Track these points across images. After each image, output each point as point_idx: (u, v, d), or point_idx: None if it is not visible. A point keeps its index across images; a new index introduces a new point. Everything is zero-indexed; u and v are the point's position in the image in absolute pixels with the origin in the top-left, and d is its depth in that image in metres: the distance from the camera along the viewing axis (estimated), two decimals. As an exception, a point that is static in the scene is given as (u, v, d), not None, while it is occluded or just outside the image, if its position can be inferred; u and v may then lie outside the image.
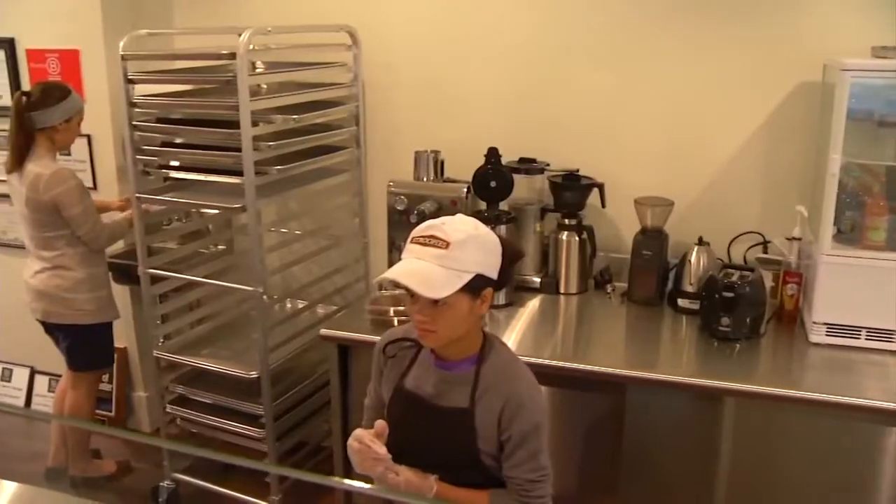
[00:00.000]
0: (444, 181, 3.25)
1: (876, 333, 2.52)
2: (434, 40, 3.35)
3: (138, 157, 3.12)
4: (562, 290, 3.08)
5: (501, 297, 2.92)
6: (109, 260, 3.52)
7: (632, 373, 2.42)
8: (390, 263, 3.16)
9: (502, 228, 2.92)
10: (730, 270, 2.71)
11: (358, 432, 1.75)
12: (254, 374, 3.11)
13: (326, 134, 3.26)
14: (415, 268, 1.68)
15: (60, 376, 3.67)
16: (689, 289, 2.84)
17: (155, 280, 3.28)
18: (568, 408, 2.57)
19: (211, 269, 3.34)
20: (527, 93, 3.24)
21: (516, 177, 3.02)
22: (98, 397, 3.72)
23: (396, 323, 2.71)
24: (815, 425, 2.32)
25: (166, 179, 3.23)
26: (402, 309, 2.74)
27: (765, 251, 3.00)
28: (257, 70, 3.25)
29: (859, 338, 2.53)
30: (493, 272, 1.75)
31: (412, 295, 1.69)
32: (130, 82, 3.04)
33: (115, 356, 3.76)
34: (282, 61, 3.39)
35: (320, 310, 3.57)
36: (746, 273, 2.68)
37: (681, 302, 2.86)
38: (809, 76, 2.85)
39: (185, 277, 3.25)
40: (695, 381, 2.36)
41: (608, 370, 2.43)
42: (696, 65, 3.00)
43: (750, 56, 2.92)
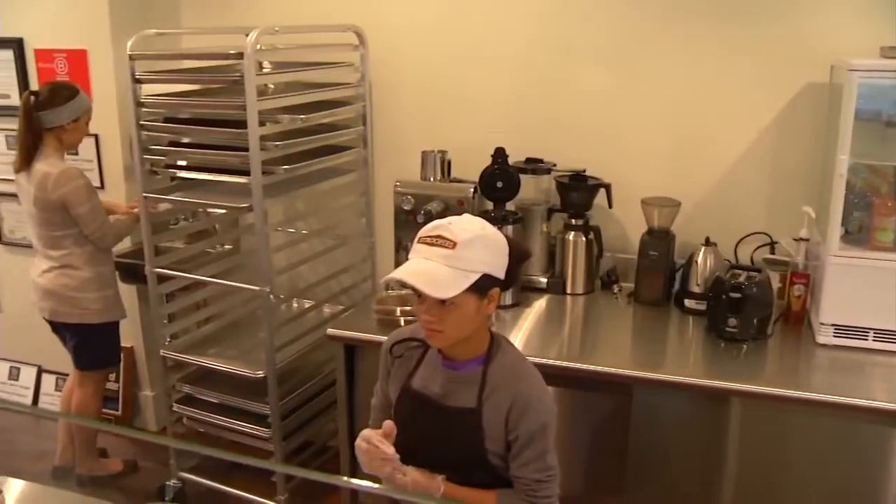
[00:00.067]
0: (450, 181, 3.25)
1: (884, 335, 2.51)
2: (441, 40, 3.35)
3: (146, 156, 3.12)
4: (568, 291, 3.09)
5: (508, 297, 2.92)
6: (116, 259, 3.52)
7: (638, 373, 2.42)
8: (397, 263, 3.16)
9: (509, 229, 2.92)
10: (737, 271, 2.70)
11: (366, 432, 1.75)
12: (260, 374, 3.11)
13: (333, 134, 3.26)
14: (422, 268, 1.68)
15: (67, 375, 3.68)
16: (696, 289, 2.84)
17: (162, 279, 3.28)
18: (574, 408, 2.57)
19: (218, 268, 3.34)
20: (534, 93, 3.24)
21: (523, 177, 3.02)
22: (105, 396, 3.72)
23: (403, 323, 2.72)
24: (822, 427, 2.32)
25: (173, 179, 3.24)
26: (408, 309, 2.74)
27: (772, 252, 3.00)
28: (264, 70, 3.25)
29: (867, 339, 2.53)
30: (500, 272, 1.75)
31: (419, 295, 1.69)
32: (138, 82, 3.05)
33: (122, 355, 3.77)
34: (289, 61, 3.39)
35: (327, 309, 3.58)
36: (753, 274, 2.67)
37: (688, 302, 2.86)
38: (817, 76, 2.85)
39: (192, 277, 3.26)
40: (701, 381, 2.36)
41: (615, 370, 2.43)
42: (703, 65, 2.99)
43: (757, 56, 2.92)
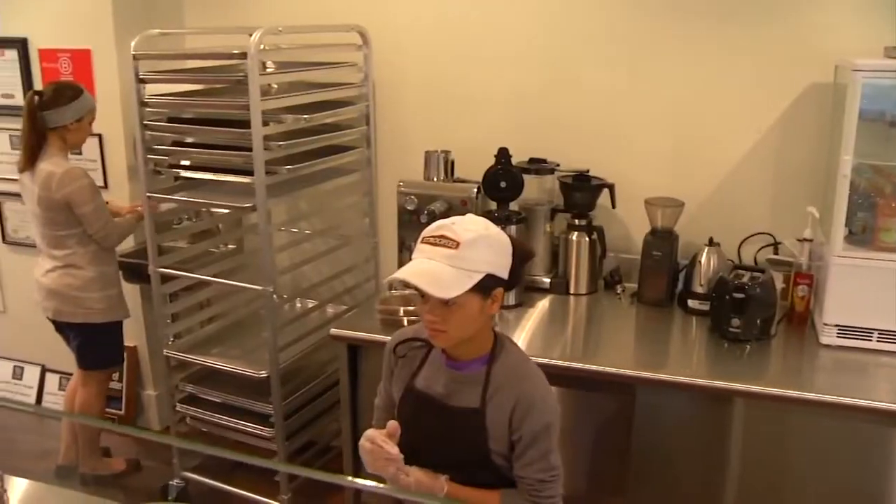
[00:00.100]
0: (454, 181, 3.25)
1: (888, 335, 2.51)
2: (444, 40, 3.35)
3: (149, 156, 3.13)
4: (572, 291, 3.08)
5: (511, 298, 2.92)
6: (120, 259, 3.52)
7: (641, 373, 2.42)
8: (400, 263, 3.16)
9: (512, 229, 2.92)
10: (740, 271, 2.70)
11: (370, 432, 1.75)
12: (263, 374, 3.11)
13: (337, 134, 3.26)
14: (425, 268, 1.68)
15: (71, 374, 3.68)
16: (700, 290, 2.83)
17: (165, 279, 3.28)
18: (577, 408, 2.57)
19: (221, 268, 3.34)
20: (537, 93, 3.24)
21: (526, 177, 3.02)
22: (108, 396, 3.73)
23: (406, 323, 2.72)
24: (825, 427, 2.32)
25: (177, 179, 3.24)
26: (411, 309, 2.75)
27: (775, 252, 2.99)
28: (268, 70, 3.25)
29: (871, 340, 2.53)
30: (503, 272, 1.75)
31: (423, 295, 1.69)
32: (142, 82, 3.05)
33: (126, 355, 3.77)
34: (292, 61, 3.40)
35: (330, 309, 3.58)
36: (757, 274, 2.67)
37: (691, 303, 2.86)
38: (821, 77, 2.84)
39: (196, 276, 3.26)
40: (704, 382, 2.36)
41: (618, 371, 2.43)
42: (707, 65, 2.99)
43: (761, 56, 2.91)
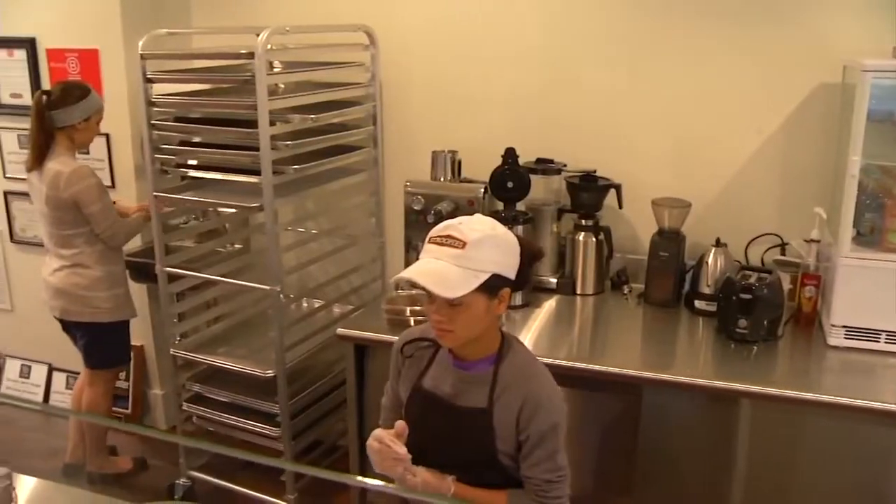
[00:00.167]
0: (461, 181, 3.25)
1: (896, 337, 2.51)
2: (451, 40, 3.35)
3: (156, 155, 3.13)
4: (578, 291, 3.08)
5: (518, 298, 2.91)
6: (127, 258, 3.53)
7: (648, 374, 2.42)
8: (407, 263, 3.16)
9: (519, 229, 2.92)
10: (747, 272, 2.70)
11: (378, 432, 1.75)
12: (270, 373, 3.12)
13: (343, 133, 3.27)
14: (431, 267, 1.68)
15: (78, 374, 3.69)
16: (707, 290, 2.83)
17: (172, 278, 3.29)
18: (584, 408, 2.57)
19: (228, 267, 3.35)
20: (544, 93, 3.24)
21: (533, 177, 3.02)
22: (115, 395, 3.73)
23: (413, 323, 2.72)
24: (832, 429, 2.31)
25: (184, 178, 3.25)
26: (418, 309, 2.75)
27: (783, 253, 2.99)
28: (275, 70, 3.25)
29: (879, 341, 2.52)
30: (510, 272, 1.75)
31: (430, 295, 1.69)
32: (149, 81, 3.06)
33: (132, 354, 3.78)
34: (299, 61, 3.40)
35: (336, 309, 3.58)
36: (764, 275, 2.67)
37: (698, 304, 2.85)
38: (829, 77, 2.84)
39: (202, 276, 3.26)
40: (711, 382, 2.35)
41: (624, 371, 2.43)
42: (714, 65, 2.98)
43: (768, 57, 2.91)
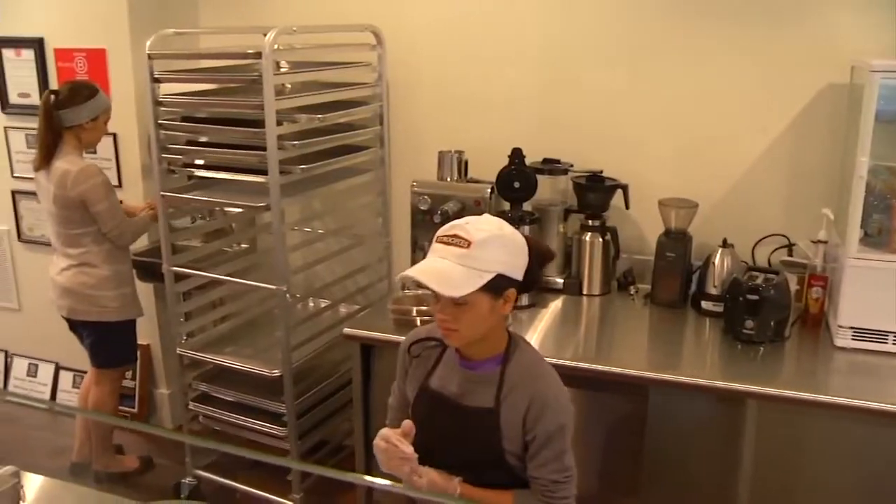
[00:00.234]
0: (467, 181, 3.24)
1: (904, 338, 2.49)
2: (458, 40, 3.35)
3: (163, 155, 3.14)
4: (585, 292, 3.08)
5: (524, 298, 2.91)
6: (134, 258, 3.54)
7: (654, 374, 2.41)
8: (413, 263, 3.14)
9: (526, 229, 2.92)
10: (754, 273, 2.69)
11: (384, 432, 1.75)
12: (276, 373, 3.12)
13: (350, 133, 3.27)
14: (435, 266, 1.69)
15: (85, 373, 3.70)
16: (713, 291, 2.82)
17: (179, 278, 3.30)
18: (590, 409, 2.57)
19: (234, 267, 3.35)
20: (551, 93, 3.24)
21: (540, 177, 3.01)
22: (121, 394, 3.75)
23: (419, 323, 2.72)
24: (839, 430, 2.30)
25: (191, 178, 3.26)
26: (424, 309, 2.75)
27: (790, 254, 2.98)
28: (282, 69, 3.27)
29: (886, 342, 2.51)
30: (516, 273, 1.74)
31: (435, 294, 1.69)
32: (156, 81, 3.07)
33: (139, 353, 3.79)
34: (306, 61, 3.41)
35: (343, 309, 3.58)
36: (771, 276, 2.66)
37: (704, 304, 2.85)
38: (836, 77, 2.83)
39: (209, 275, 3.27)
40: (718, 383, 2.35)
41: (631, 372, 2.43)
42: (722, 66, 2.98)
43: (776, 57, 2.90)
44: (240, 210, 3.44)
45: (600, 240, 3.05)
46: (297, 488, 3.29)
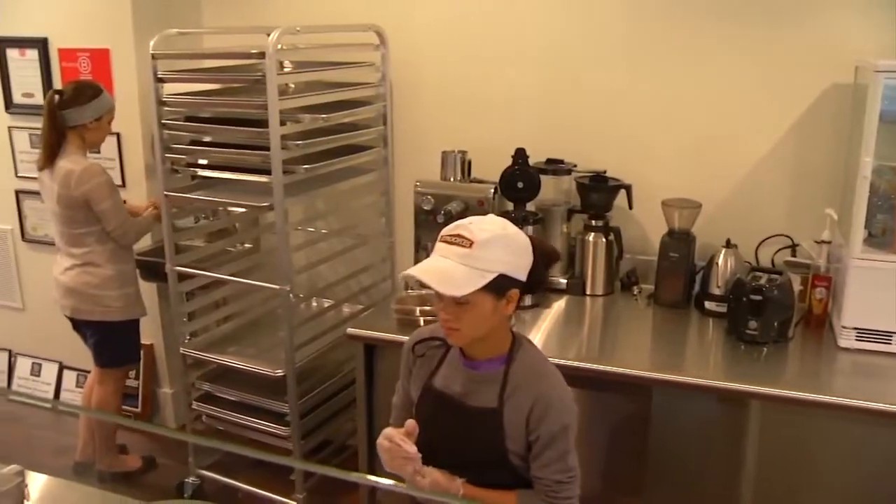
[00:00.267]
0: (471, 181, 3.25)
1: (908, 339, 2.49)
2: (462, 40, 3.35)
3: (167, 155, 3.14)
4: (588, 292, 3.08)
5: (528, 298, 2.91)
6: (137, 257, 3.54)
7: (658, 375, 2.41)
8: (416, 263, 3.16)
9: (529, 229, 2.92)
10: (758, 273, 2.69)
11: (388, 431, 1.75)
12: (279, 372, 3.13)
13: (354, 133, 3.27)
14: (437, 265, 1.69)
15: (89, 372, 3.70)
16: (717, 291, 2.82)
17: (182, 277, 3.30)
18: (593, 409, 2.57)
19: (238, 267, 3.36)
20: (554, 94, 3.24)
21: (543, 178, 3.01)
22: (125, 393, 3.75)
23: (422, 323, 2.72)
24: (843, 431, 2.30)
25: (194, 177, 3.26)
26: (428, 308, 2.75)
27: (793, 254, 2.98)
28: (285, 69, 3.26)
29: (890, 343, 2.50)
30: (519, 273, 1.74)
31: (438, 293, 1.69)
32: (160, 81, 3.07)
33: (142, 353, 3.79)
34: (310, 61, 3.41)
35: (346, 309, 3.58)
36: (775, 276, 2.66)
37: (708, 305, 2.85)
38: (840, 78, 2.83)
39: (212, 275, 3.27)
40: (721, 384, 2.35)
41: (634, 372, 2.43)
42: (725, 66, 2.98)
43: (779, 57, 2.90)
44: (243, 210, 3.44)
45: (604, 240, 3.05)
46: (300, 488, 3.29)
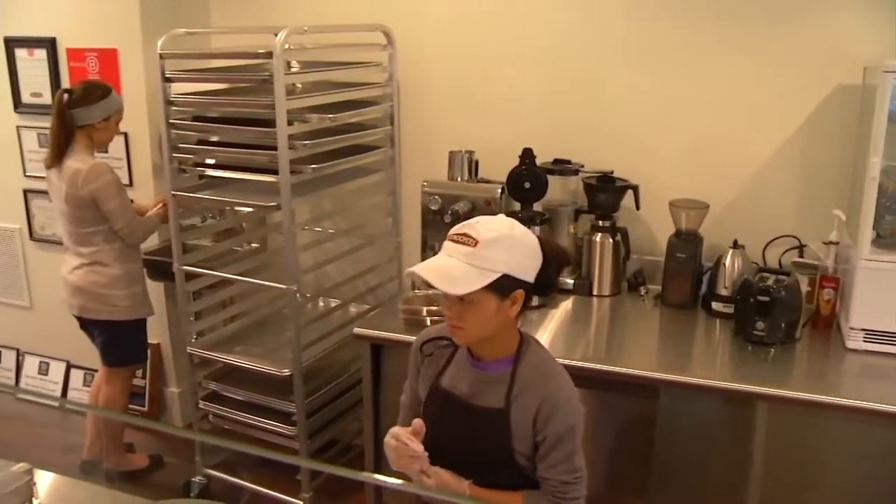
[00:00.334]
0: (478, 181, 3.25)
1: (916, 340, 2.48)
2: (469, 40, 3.35)
3: (174, 154, 3.16)
4: (595, 292, 3.07)
5: (535, 299, 2.89)
6: (144, 257, 3.55)
7: (664, 376, 2.41)
8: (423, 263, 3.16)
9: (536, 229, 2.91)
10: (765, 274, 2.68)
11: (395, 430, 1.76)
12: (286, 372, 3.13)
13: (361, 133, 3.27)
14: (441, 263, 1.69)
15: (96, 371, 3.71)
16: (724, 292, 2.81)
17: (189, 277, 3.31)
18: (600, 410, 2.56)
19: (244, 266, 3.36)
20: (561, 94, 3.24)
21: (550, 178, 3.01)
22: (132, 393, 3.76)
23: (429, 322, 2.72)
24: (850, 432, 2.29)
25: (202, 177, 3.26)
26: (435, 308, 2.75)
27: (801, 255, 2.97)
28: (293, 69, 3.27)
29: (898, 344, 2.50)
30: (525, 274, 1.74)
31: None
32: (168, 81, 3.08)
33: (149, 352, 3.80)
34: (317, 61, 3.41)
35: (353, 308, 3.59)
36: (782, 277, 2.65)
37: (715, 305, 2.84)
38: (848, 78, 2.82)
39: (219, 275, 3.28)
40: (728, 385, 2.34)
41: (641, 373, 2.42)
42: (732, 66, 2.97)
43: (787, 58, 2.89)
44: (250, 209, 3.45)
45: (611, 240, 3.05)
46: (306, 487, 3.30)
